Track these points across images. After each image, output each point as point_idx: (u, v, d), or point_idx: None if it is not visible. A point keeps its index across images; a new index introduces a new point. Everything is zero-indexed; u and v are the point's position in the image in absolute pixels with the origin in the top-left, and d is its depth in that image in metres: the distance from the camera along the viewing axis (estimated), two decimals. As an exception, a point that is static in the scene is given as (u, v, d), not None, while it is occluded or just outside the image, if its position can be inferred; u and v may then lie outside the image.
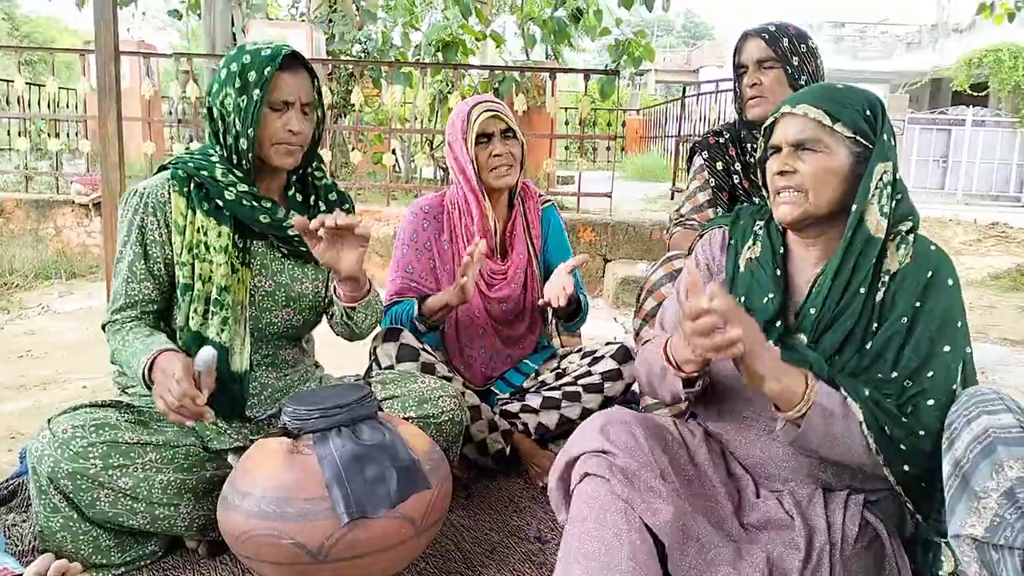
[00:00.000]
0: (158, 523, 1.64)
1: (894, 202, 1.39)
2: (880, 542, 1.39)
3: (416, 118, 6.83)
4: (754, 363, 1.26)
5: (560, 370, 2.39)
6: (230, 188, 1.72)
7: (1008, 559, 1.09)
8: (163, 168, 1.80)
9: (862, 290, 1.38)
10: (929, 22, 22.68)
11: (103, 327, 1.77)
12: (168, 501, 1.64)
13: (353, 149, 6.13)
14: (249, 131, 1.68)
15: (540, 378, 2.41)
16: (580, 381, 2.28)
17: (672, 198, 6.89)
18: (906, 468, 1.31)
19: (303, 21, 8.31)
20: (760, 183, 1.54)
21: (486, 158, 2.24)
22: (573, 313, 2.30)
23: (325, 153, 5.88)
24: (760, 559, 1.30)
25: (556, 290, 2.09)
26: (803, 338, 1.41)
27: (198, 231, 1.72)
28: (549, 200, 2.50)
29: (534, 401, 2.28)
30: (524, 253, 2.39)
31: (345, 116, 7.91)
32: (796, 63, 2.09)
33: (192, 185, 1.73)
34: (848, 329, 1.38)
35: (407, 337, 2.17)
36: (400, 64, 7.07)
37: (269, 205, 1.76)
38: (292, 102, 1.71)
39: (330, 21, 8.08)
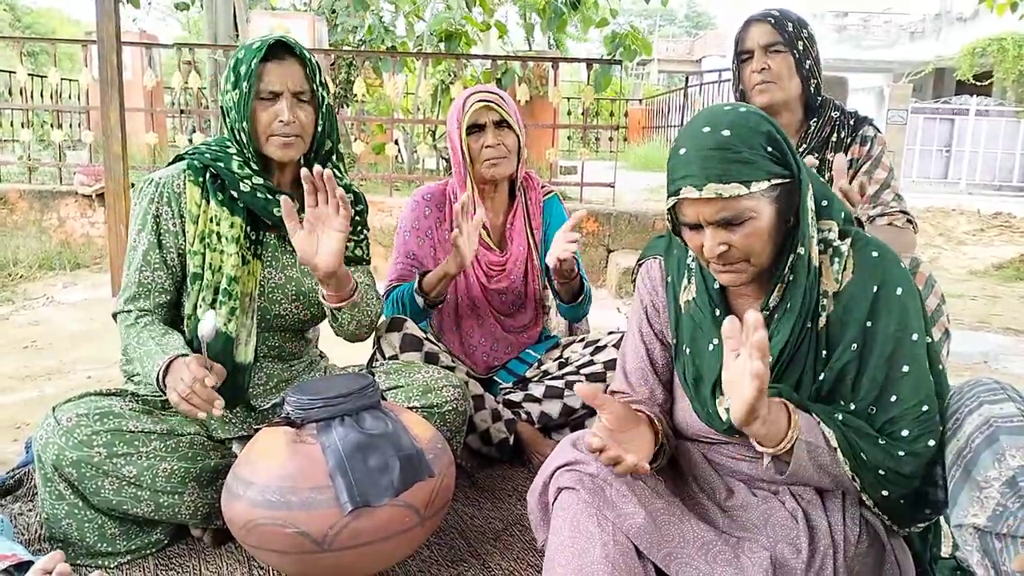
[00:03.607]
0: (162, 511, 1.65)
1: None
2: (880, 541, 1.38)
3: (418, 108, 6.80)
4: (758, 404, 1.15)
5: (563, 359, 2.39)
6: (246, 180, 1.74)
7: (1011, 547, 1.10)
8: (180, 159, 1.81)
9: (808, 324, 1.31)
10: (932, 11, 22.58)
11: (114, 316, 1.78)
12: (172, 489, 1.65)
13: (355, 139, 6.12)
14: (245, 124, 1.70)
15: (543, 367, 2.41)
16: (583, 370, 2.28)
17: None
18: (885, 493, 1.29)
19: (306, 11, 8.29)
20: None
21: (478, 149, 2.22)
22: (576, 294, 2.26)
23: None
24: (763, 557, 1.29)
25: (557, 249, 2.03)
26: None
27: (211, 221, 1.74)
28: (552, 191, 2.49)
29: (537, 390, 2.29)
30: (524, 245, 2.38)
31: (347, 106, 7.90)
32: (801, 48, 2.08)
33: (207, 175, 1.75)
34: (802, 366, 1.33)
35: (410, 327, 2.17)
36: (401, 54, 7.05)
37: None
38: (279, 92, 1.70)
39: (332, 11, 8.05)
